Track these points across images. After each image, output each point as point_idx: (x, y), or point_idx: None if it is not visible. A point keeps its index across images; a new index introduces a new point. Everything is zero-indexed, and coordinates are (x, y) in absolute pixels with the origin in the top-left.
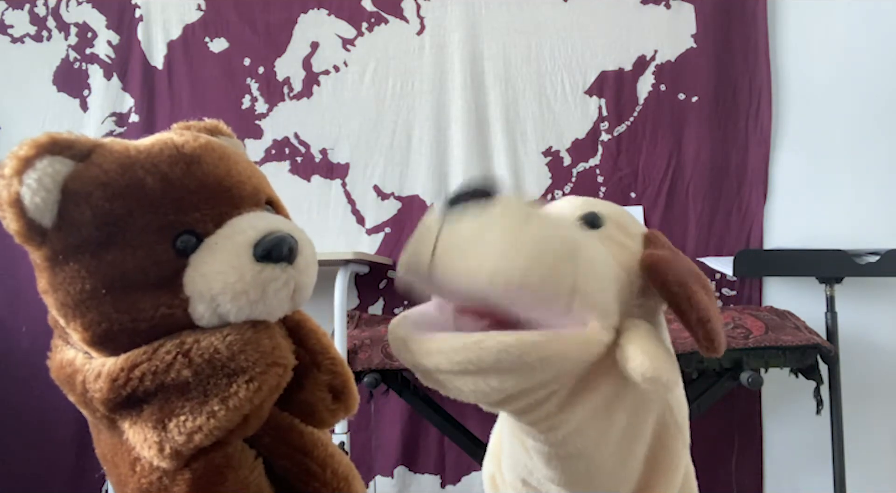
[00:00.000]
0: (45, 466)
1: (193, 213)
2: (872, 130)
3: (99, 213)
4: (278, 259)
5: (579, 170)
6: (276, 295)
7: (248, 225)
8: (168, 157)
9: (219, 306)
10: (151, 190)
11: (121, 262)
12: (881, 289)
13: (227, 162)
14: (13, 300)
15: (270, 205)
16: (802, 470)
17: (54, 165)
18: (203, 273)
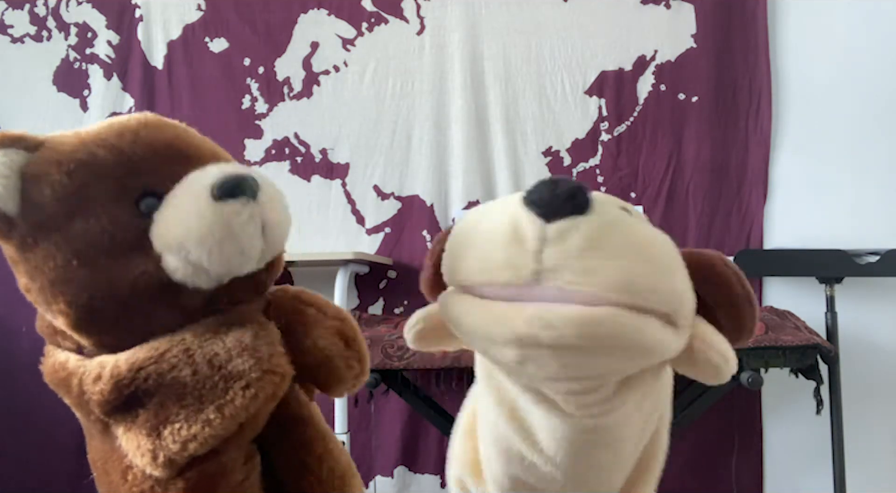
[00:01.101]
0: (46, 466)
1: (150, 175)
2: (872, 130)
3: (58, 188)
4: (238, 194)
5: (579, 170)
6: (243, 230)
7: (205, 174)
8: (115, 131)
9: (189, 254)
10: (104, 160)
11: (85, 231)
12: (881, 289)
13: (175, 129)
14: (13, 300)
15: None
16: (802, 470)
17: (9, 155)
18: (166, 225)
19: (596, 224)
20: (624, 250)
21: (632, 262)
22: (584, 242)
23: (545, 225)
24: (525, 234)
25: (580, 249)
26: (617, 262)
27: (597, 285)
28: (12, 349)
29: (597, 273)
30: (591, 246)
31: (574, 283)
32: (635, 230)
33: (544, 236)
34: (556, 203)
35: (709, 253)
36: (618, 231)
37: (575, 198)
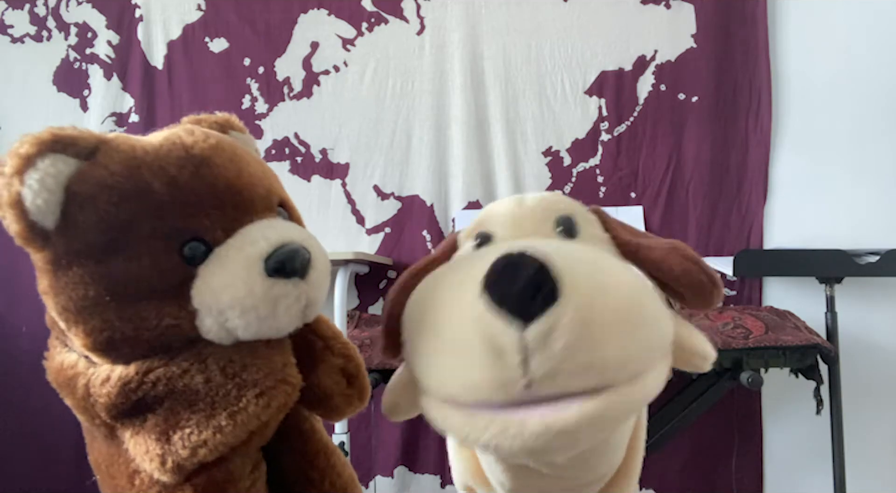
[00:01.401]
0: (46, 466)
1: (202, 219)
2: (872, 130)
3: (104, 217)
4: (290, 274)
5: (579, 170)
6: (287, 312)
7: (261, 235)
8: (176, 158)
9: (227, 321)
10: (158, 195)
11: (125, 270)
12: (881, 289)
13: (239, 164)
14: (13, 300)
15: (283, 207)
16: (802, 470)
17: (57, 165)
18: (212, 286)
19: (574, 311)
20: (611, 327)
21: (623, 337)
22: (571, 337)
23: (522, 332)
24: (503, 346)
25: (568, 347)
26: (609, 345)
27: (596, 376)
28: (12, 349)
29: (593, 366)
30: (579, 339)
31: (572, 383)
32: (612, 294)
33: (526, 345)
34: (524, 301)
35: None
36: (598, 308)
37: (542, 286)
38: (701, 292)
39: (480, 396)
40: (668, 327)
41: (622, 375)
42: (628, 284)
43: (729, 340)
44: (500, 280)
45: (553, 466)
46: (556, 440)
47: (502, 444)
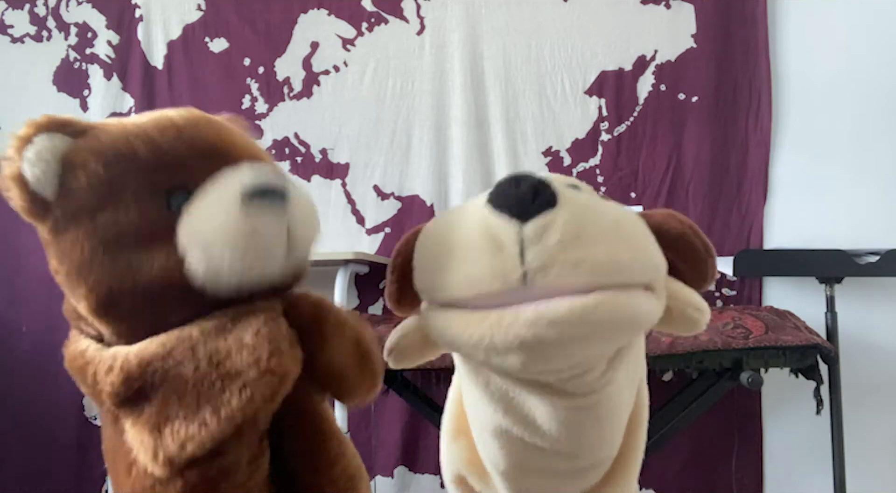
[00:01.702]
0: (46, 466)
1: (184, 171)
2: (872, 130)
3: (93, 178)
4: (268, 198)
5: (579, 170)
6: (268, 233)
7: (238, 173)
8: (159, 126)
9: (212, 251)
10: (141, 154)
11: (115, 222)
12: (881, 289)
13: (218, 127)
14: (13, 300)
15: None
16: (802, 470)
17: (52, 140)
18: (193, 220)
19: (569, 214)
20: (602, 233)
21: (612, 243)
22: (564, 235)
23: (521, 227)
24: (503, 240)
25: (562, 243)
26: (599, 247)
27: (586, 273)
28: (12, 349)
29: (584, 262)
30: (572, 237)
31: (564, 277)
32: (605, 211)
33: (523, 238)
34: (525, 202)
35: (663, 215)
36: (591, 216)
37: (541, 193)
38: (694, 257)
39: (480, 289)
40: (658, 256)
41: (611, 278)
42: (621, 209)
43: (729, 340)
44: (504, 187)
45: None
46: (548, 331)
47: (496, 335)
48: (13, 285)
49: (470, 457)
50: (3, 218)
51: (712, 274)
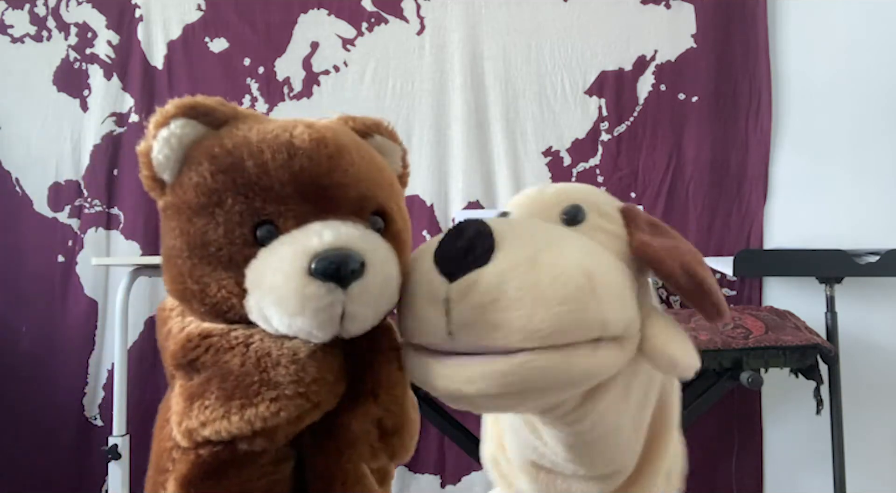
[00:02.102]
0: (46, 466)
1: (278, 205)
2: (872, 130)
3: (201, 181)
4: (328, 278)
5: (579, 170)
6: (316, 316)
7: (319, 232)
8: (276, 144)
9: (264, 307)
10: (248, 174)
11: (205, 231)
12: (881, 289)
13: (336, 161)
14: (13, 300)
15: (380, 216)
16: (802, 470)
17: (184, 128)
18: (261, 269)
19: (494, 274)
20: (525, 296)
21: (535, 308)
22: (483, 297)
23: (449, 284)
24: (436, 294)
25: (481, 305)
26: (518, 312)
27: (505, 338)
28: (12, 349)
29: (501, 327)
30: (490, 301)
31: (484, 338)
32: (539, 267)
33: (449, 296)
34: (456, 259)
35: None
36: (516, 278)
37: (474, 250)
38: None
39: (422, 339)
40: (614, 313)
41: (533, 343)
42: (568, 263)
43: (729, 340)
44: (447, 240)
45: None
46: (466, 388)
47: (433, 383)
48: (13, 285)
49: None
50: (4, 218)
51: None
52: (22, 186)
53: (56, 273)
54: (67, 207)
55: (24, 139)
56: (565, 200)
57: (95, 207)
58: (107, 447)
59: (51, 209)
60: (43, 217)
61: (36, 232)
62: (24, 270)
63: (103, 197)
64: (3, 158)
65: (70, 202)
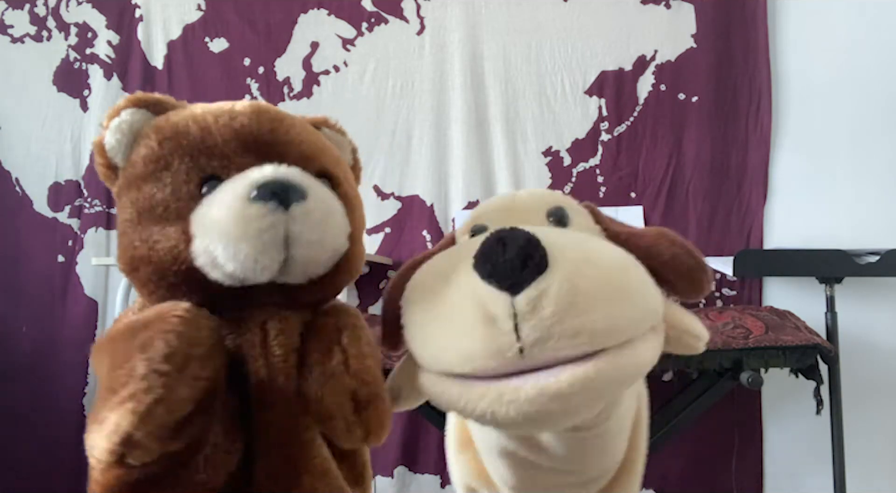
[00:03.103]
0: (46, 466)
1: (222, 160)
2: (872, 130)
3: (149, 151)
4: (268, 199)
5: (579, 170)
6: (259, 237)
7: (261, 168)
8: (218, 111)
9: (207, 242)
10: (192, 136)
11: (152, 194)
12: (881, 289)
13: (277, 123)
14: (13, 300)
15: (326, 178)
16: (802, 470)
17: (134, 115)
18: (205, 210)
19: (561, 280)
20: (598, 296)
21: (609, 305)
22: (559, 305)
23: (512, 299)
24: (495, 314)
25: (557, 314)
26: (596, 313)
27: (585, 342)
28: (12, 349)
29: (582, 332)
30: (567, 306)
31: (562, 348)
32: (596, 264)
33: (515, 312)
34: (514, 272)
35: (654, 235)
36: (584, 279)
37: (530, 258)
38: (690, 277)
39: (476, 365)
40: (657, 299)
41: (611, 341)
42: (614, 256)
43: (729, 340)
44: (491, 254)
45: (555, 458)
46: (551, 405)
47: (498, 411)
48: (13, 285)
49: (478, 469)
50: (4, 218)
51: (707, 288)
52: (22, 186)
53: (56, 273)
54: (67, 207)
55: (24, 139)
56: (543, 203)
57: (95, 207)
58: None
59: (51, 209)
60: (43, 217)
61: (36, 232)
62: (24, 270)
63: (103, 197)
64: (3, 158)
65: (70, 202)
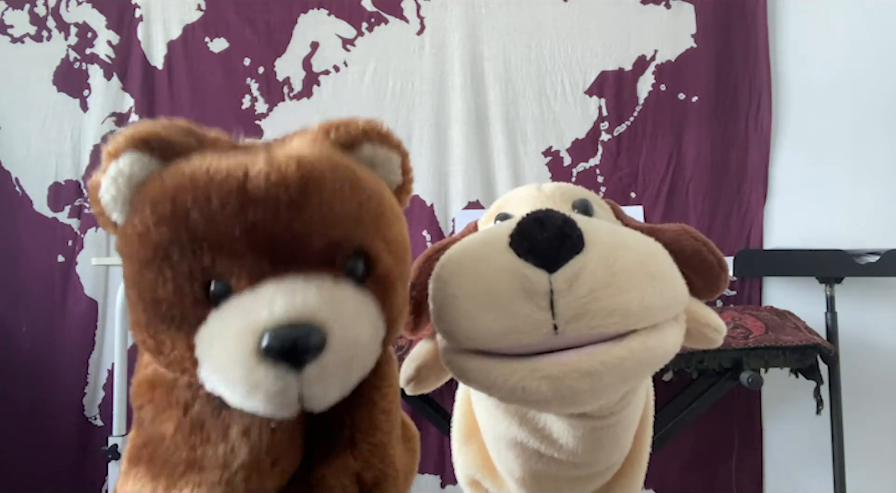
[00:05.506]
0: (45, 466)
1: (230, 262)
2: (872, 130)
3: (144, 233)
4: (278, 360)
5: (579, 170)
6: (270, 401)
7: (271, 300)
8: (225, 190)
9: (215, 383)
10: (194, 225)
11: (155, 287)
12: (881, 289)
13: (299, 208)
14: (13, 300)
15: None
16: (802, 470)
17: (134, 165)
18: (210, 340)
19: (598, 259)
20: (632, 276)
21: (643, 287)
22: (595, 283)
23: (549, 276)
24: (532, 290)
25: (593, 292)
26: (632, 293)
27: (619, 321)
28: (12, 349)
29: (616, 311)
30: (603, 285)
31: (596, 326)
32: (631, 247)
33: (553, 288)
34: (552, 249)
35: (676, 231)
36: (620, 259)
37: (568, 237)
38: (709, 273)
39: (511, 341)
40: (683, 288)
41: (642, 322)
42: (645, 242)
43: (729, 340)
44: (529, 232)
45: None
46: (582, 383)
47: (529, 387)
48: (13, 285)
49: (482, 461)
50: (3, 218)
51: (724, 286)
52: (22, 186)
53: (56, 273)
54: (67, 207)
55: (24, 139)
56: (568, 195)
57: None
58: (107, 447)
59: (51, 209)
60: (43, 217)
61: (36, 232)
62: (24, 270)
63: None
64: (3, 158)
65: (70, 202)
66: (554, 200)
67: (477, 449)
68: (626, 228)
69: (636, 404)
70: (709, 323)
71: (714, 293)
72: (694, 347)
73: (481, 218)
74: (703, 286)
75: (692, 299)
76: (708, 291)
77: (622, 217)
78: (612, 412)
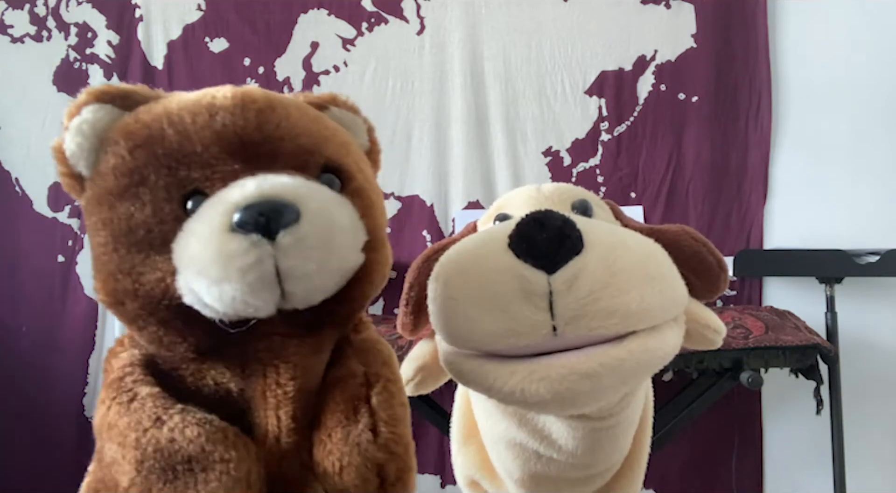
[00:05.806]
0: (45, 466)
1: (204, 170)
2: (872, 130)
3: (119, 163)
4: (249, 229)
5: (579, 170)
6: (244, 277)
7: (242, 184)
8: (196, 107)
9: (189, 278)
10: (169, 143)
11: (130, 215)
12: (881, 289)
13: (265, 114)
14: (13, 300)
15: (334, 173)
16: (802, 470)
17: (97, 113)
18: (186, 239)
19: (597, 260)
20: (632, 277)
21: (642, 287)
22: (594, 284)
23: (549, 277)
24: (534, 290)
25: (592, 293)
26: (631, 294)
27: (619, 322)
28: (12, 349)
29: (616, 312)
30: (602, 286)
31: (596, 327)
32: (631, 248)
33: (552, 289)
34: (551, 250)
35: (676, 232)
36: (619, 260)
37: (567, 238)
38: (709, 274)
39: (510, 342)
40: (683, 290)
41: (642, 324)
42: (644, 243)
43: (729, 340)
44: (528, 232)
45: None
46: (581, 384)
47: (528, 389)
48: (13, 285)
49: (481, 461)
50: (3, 218)
51: (724, 287)
52: (22, 186)
53: (56, 273)
54: (67, 207)
55: (24, 139)
56: (568, 195)
57: None
58: None
59: (51, 209)
60: (43, 217)
61: (36, 232)
62: (24, 270)
63: None
64: (3, 159)
65: (70, 202)
66: (553, 200)
67: (476, 450)
68: (625, 229)
69: (635, 406)
70: (708, 324)
71: (714, 294)
72: (693, 348)
73: (481, 218)
74: (703, 287)
75: (692, 300)
76: (708, 292)
77: (622, 218)
78: (611, 413)
